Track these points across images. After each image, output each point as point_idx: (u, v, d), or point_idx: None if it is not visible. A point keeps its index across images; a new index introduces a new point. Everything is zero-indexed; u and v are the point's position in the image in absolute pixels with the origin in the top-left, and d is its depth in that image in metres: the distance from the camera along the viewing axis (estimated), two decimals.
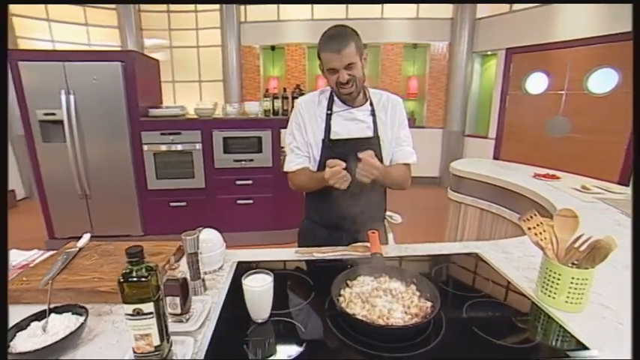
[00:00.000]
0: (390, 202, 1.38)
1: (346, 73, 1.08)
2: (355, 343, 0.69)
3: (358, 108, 1.22)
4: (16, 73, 2.67)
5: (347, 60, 1.06)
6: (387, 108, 1.24)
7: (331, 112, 1.21)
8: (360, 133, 1.21)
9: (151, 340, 0.60)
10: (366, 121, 1.22)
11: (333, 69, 1.09)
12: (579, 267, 0.79)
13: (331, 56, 1.07)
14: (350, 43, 1.06)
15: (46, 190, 2.93)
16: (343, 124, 1.21)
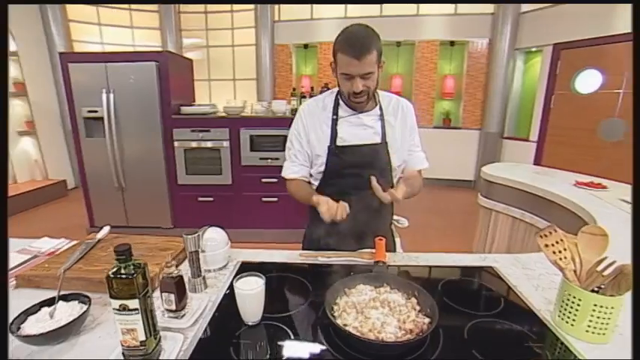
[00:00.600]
0: (415, 203, 1.30)
1: (361, 84, 1.02)
2: (343, 355, 0.66)
3: (366, 113, 1.16)
4: (66, 74, 2.90)
5: (366, 69, 1.00)
6: (397, 112, 1.19)
7: (337, 117, 1.16)
8: (367, 139, 1.16)
9: (137, 335, 0.61)
10: (374, 127, 1.16)
11: (349, 75, 1.02)
12: (604, 293, 0.69)
13: (350, 61, 0.99)
14: (372, 50, 0.98)
15: (88, 181, 3.17)
16: (350, 130, 1.16)
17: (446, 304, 0.84)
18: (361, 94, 1.05)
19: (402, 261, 1.08)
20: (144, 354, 0.63)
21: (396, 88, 5.49)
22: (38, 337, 0.68)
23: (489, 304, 0.84)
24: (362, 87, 1.02)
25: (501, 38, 4.88)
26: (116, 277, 0.59)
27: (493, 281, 0.95)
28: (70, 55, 3.05)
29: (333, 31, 4.90)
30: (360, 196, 1.11)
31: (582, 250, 0.76)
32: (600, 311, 0.68)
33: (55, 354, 0.69)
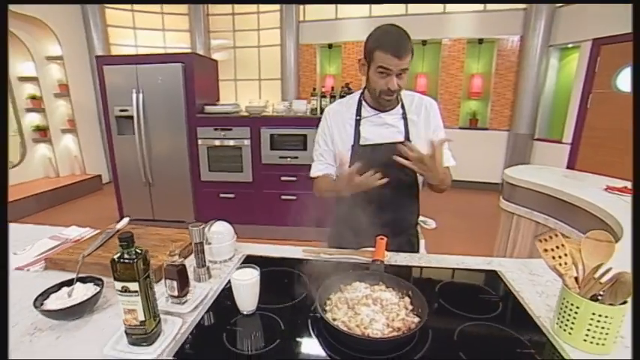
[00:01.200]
0: (441, 205, 1.28)
1: (396, 81, 1.04)
2: (330, 349, 0.68)
3: (388, 112, 1.19)
4: (101, 76, 3.10)
5: (404, 66, 1.03)
6: (419, 110, 1.20)
7: (360, 117, 1.20)
8: (390, 138, 1.18)
9: (137, 315, 0.67)
10: (396, 125, 1.18)
11: (387, 69, 1.03)
12: (603, 302, 0.66)
13: (391, 59, 1.01)
14: (409, 51, 1.02)
15: (119, 176, 3.37)
16: (373, 130, 1.19)
17: (441, 305, 0.83)
18: (394, 93, 1.08)
19: (404, 261, 1.08)
20: (143, 333, 0.68)
21: (421, 87, 5.38)
22: (57, 312, 0.76)
23: (486, 308, 0.82)
24: (396, 85, 1.05)
25: (534, 35, 4.65)
26: (119, 261, 0.65)
27: (495, 285, 0.93)
28: (105, 58, 3.26)
29: (358, 30, 4.90)
30: (384, 194, 1.14)
31: (586, 257, 0.73)
32: (599, 320, 0.65)
33: (71, 328, 0.76)
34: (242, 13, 6.16)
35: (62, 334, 0.74)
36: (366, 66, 1.12)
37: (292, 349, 0.69)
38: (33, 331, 0.75)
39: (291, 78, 6.00)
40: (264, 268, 1.03)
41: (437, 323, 0.75)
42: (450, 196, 1.22)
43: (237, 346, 0.70)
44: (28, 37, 4.30)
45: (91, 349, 0.69)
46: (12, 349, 0.70)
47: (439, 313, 0.80)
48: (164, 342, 0.69)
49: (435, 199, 1.37)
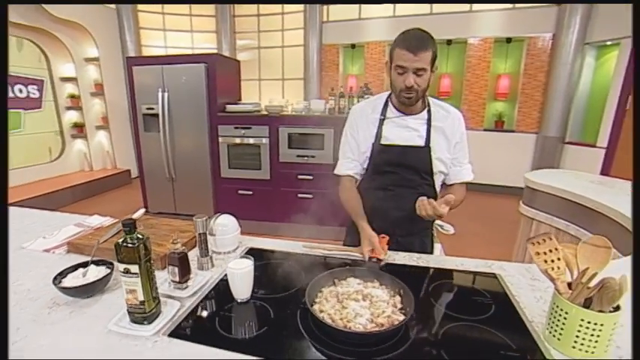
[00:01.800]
0: (461, 208, 1.28)
1: (413, 79, 1.05)
2: (313, 338, 0.70)
3: (413, 116, 1.19)
4: (131, 76, 3.28)
5: (420, 64, 1.03)
6: (445, 120, 1.20)
7: (384, 117, 1.21)
8: (410, 141, 1.19)
9: (137, 295, 0.72)
10: (418, 130, 1.19)
11: (403, 67, 1.04)
12: (593, 308, 0.64)
13: (406, 55, 1.02)
14: (429, 49, 1.03)
15: (145, 171, 3.55)
16: (394, 130, 1.20)
17: (431, 304, 0.84)
18: (411, 90, 1.07)
19: (403, 260, 1.08)
20: (142, 312, 0.73)
21: (445, 88, 5.27)
22: (71, 290, 0.84)
23: (477, 310, 0.81)
24: (413, 82, 1.05)
25: (568, 32, 4.42)
26: (122, 245, 0.71)
27: (491, 288, 0.92)
28: (134, 59, 3.44)
29: (381, 30, 4.86)
30: (399, 193, 1.18)
31: (582, 262, 0.71)
32: (588, 327, 0.63)
33: (83, 305, 0.83)
34: (267, 14, 6.27)
35: (75, 310, 0.81)
36: (389, 68, 1.13)
37: (278, 337, 0.72)
38: (52, 305, 0.83)
39: (313, 78, 6.05)
40: (264, 260, 1.08)
41: (423, 322, 0.76)
42: (469, 200, 1.22)
43: (227, 331, 0.74)
44: (70, 41, 4.62)
45: (98, 324, 0.75)
46: (32, 319, 0.78)
47: (428, 312, 0.81)
48: (161, 322, 0.75)
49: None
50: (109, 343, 0.70)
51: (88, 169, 5.05)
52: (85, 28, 4.60)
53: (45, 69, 4.50)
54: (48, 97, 4.56)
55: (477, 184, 5.17)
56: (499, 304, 0.84)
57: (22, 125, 4.27)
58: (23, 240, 1.20)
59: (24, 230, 1.31)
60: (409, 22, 5.40)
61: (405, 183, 1.20)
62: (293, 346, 0.69)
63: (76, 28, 4.57)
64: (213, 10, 6.09)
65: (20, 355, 0.67)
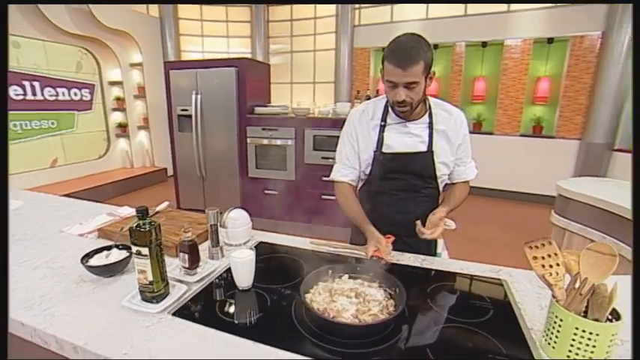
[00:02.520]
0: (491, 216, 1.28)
1: (404, 93, 1.01)
2: (303, 327, 0.73)
3: (414, 121, 1.16)
4: (168, 79, 3.52)
5: (410, 79, 0.99)
6: (448, 122, 1.17)
7: (385, 123, 1.18)
8: (412, 148, 1.17)
9: (147, 276, 0.80)
10: (420, 135, 1.16)
11: (392, 82, 1.02)
12: (589, 316, 0.62)
13: (394, 70, 0.99)
14: (419, 61, 0.97)
15: (178, 170, 3.77)
16: (396, 137, 1.17)
17: (426, 305, 0.83)
18: (403, 104, 1.04)
19: (408, 261, 1.08)
20: (151, 292, 0.81)
21: (479, 91, 5.08)
22: (95, 268, 0.94)
23: (474, 313, 0.80)
24: (404, 96, 1.01)
25: (620, 30, 4.09)
26: (135, 229, 0.78)
27: (494, 293, 0.89)
28: (172, 64, 3.68)
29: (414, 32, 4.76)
30: (403, 197, 1.18)
31: (584, 270, 0.68)
32: (583, 336, 0.61)
33: (105, 283, 0.93)
34: (299, 19, 6.42)
35: (98, 287, 0.91)
36: (382, 76, 1.10)
37: (271, 324, 0.76)
38: (79, 280, 0.94)
39: (344, 81, 6.09)
40: (272, 254, 1.13)
41: (414, 321, 0.76)
42: (503, 209, 1.19)
43: (225, 314, 0.80)
44: (119, 48, 5.02)
45: (115, 300, 0.83)
46: (63, 291, 0.89)
47: (421, 312, 0.81)
48: (168, 302, 0.82)
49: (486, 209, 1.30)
50: (121, 316, 0.78)
51: (129, 166, 5.44)
52: (131, 36, 4.98)
53: (96, 74, 4.93)
54: (97, 99, 4.99)
55: (509, 192, 4.95)
56: (498, 309, 0.82)
57: (76, 125, 4.70)
58: (64, 225, 1.35)
59: (67, 217, 1.46)
60: (442, 24, 5.31)
61: (408, 187, 1.19)
62: (284, 334, 0.72)
63: (123, 36, 4.96)
64: (249, 16, 6.33)
65: (51, 318, 0.77)
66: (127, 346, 0.68)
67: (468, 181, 1.26)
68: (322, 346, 0.68)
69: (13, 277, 0.96)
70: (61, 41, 4.40)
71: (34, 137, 4.22)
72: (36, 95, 4.18)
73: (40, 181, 4.22)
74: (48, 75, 4.29)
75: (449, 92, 5.21)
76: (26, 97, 4.08)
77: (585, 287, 0.61)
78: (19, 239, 1.23)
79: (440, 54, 5.26)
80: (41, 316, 0.78)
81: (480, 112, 5.12)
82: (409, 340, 0.71)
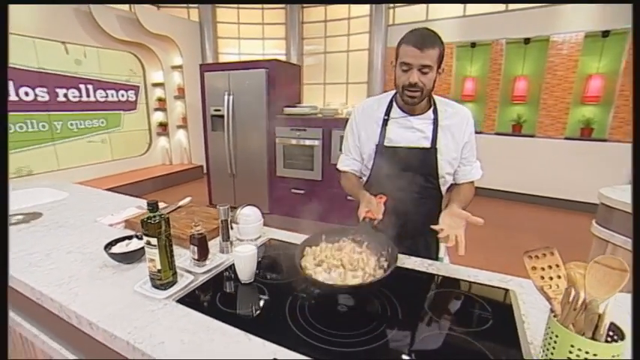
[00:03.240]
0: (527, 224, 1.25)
1: (418, 76, 1.02)
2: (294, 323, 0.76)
3: (418, 116, 1.16)
4: (203, 80, 3.70)
5: (426, 60, 1.00)
6: (453, 119, 1.16)
7: (388, 117, 1.19)
8: (415, 143, 1.16)
9: (155, 264, 0.86)
10: (423, 131, 1.16)
11: (407, 64, 1.03)
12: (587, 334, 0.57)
13: (412, 50, 1.00)
14: (436, 46, 1.01)
15: (211, 167, 3.95)
16: (399, 132, 1.18)
17: (420, 309, 0.82)
18: (415, 88, 1.04)
19: (413, 265, 1.06)
20: (159, 279, 0.87)
21: (520, 91, 4.78)
22: (115, 255, 1.03)
23: (471, 322, 0.77)
24: (417, 79, 1.02)
25: None
26: (146, 221, 0.85)
27: (499, 304, 0.85)
28: (206, 66, 3.86)
29: (450, 31, 4.67)
30: (402, 196, 1.16)
31: (590, 284, 0.63)
32: (579, 355, 0.57)
33: (124, 269, 1.02)
34: (333, 20, 6.44)
35: (117, 272, 1.00)
36: (394, 67, 1.12)
37: (265, 318, 0.80)
38: (102, 266, 1.03)
39: (376, 81, 6.03)
40: (279, 251, 1.16)
41: (405, 323, 0.75)
42: (541, 215, 1.15)
43: (224, 305, 0.84)
44: (161, 51, 5.37)
45: (129, 285, 0.91)
46: (87, 274, 0.98)
47: (414, 315, 0.79)
48: (174, 290, 0.88)
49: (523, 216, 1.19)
50: (132, 299, 0.85)
51: (169, 163, 5.80)
52: (173, 40, 5.31)
53: (141, 76, 5.31)
54: (141, 100, 5.38)
55: (549, 199, 4.60)
56: (499, 320, 0.78)
57: (122, 124, 5.10)
58: (98, 215, 1.48)
59: (102, 208, 1.61)
60: (481, 21, 5.07)
61: (408, 186, 1.17)
62: (275, 328, 0.75)
63: (165, 40, 5.30)
64: (284, 18, 6.47)
65: (74, 296, 0.87)
66: (132, 326, 0.74)
67: (473, 182, 1.24)
68: (311, 344, 0.69)
69: (51, 259, 1.08)
70: (111, 47, 4.80)
71: (86, 135, 4.65)
72: (89, 97, 4.61)
73: (89, 176, 4.64)
74: (100, 78, 4.71)
75: (486, 93, 4.97)
76: (82, 99, 4.51)
77: (579, 302, 0.57)
78: (61, 226, 1.37)
79: (477, 53, 5.04)
80: (67, 294, 0.88)
81: (521, 113, 4.82)
82: (395, 342, 0.70)
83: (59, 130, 4.33)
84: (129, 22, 4.85)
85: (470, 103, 5.27)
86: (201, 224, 1.03)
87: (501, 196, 4.86)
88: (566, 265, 0.69)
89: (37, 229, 1.33)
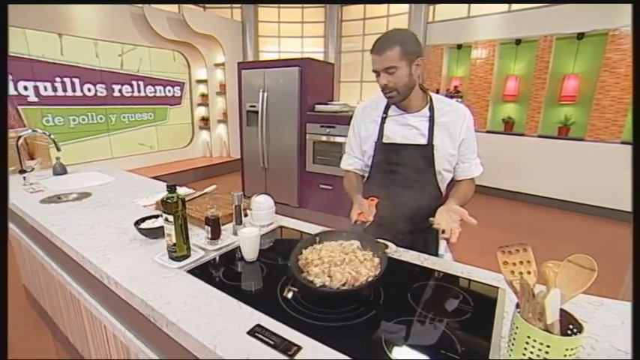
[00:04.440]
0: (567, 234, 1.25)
1: (385, 78, 1.09)
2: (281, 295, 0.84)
3: (413, 113, 1.20)
4: (240, 78, 3.91)
5: (387, 63, 1.07)
6: (449, 116, 1.19)
7: (386, 115, 1.25)
8: (411, 139, 1.21)
9: (172, 239, 0.99)
10: (419, 128, 1.20)
11: (375, 70, 1.12)
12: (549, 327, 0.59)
13: (374, 57, 1.11)
14: (394, 47, 1.05)
15: (245, 161, 4.17)
16: (396, 129, 1.22)
17: (403, 297, 0.86)
18: (387, 89, 1.12)
19: (410, 258, 1.10)
20: (174, 252, 1.01)
21: (569, 91, 4.45)
22: (143, 230, 1.19)
23: (450, 313, 0.80)
24: (386, 81, 1.09)
25: None
26: (165, 200, 0.98)
27: (483, 299, 0.87)
28: (244, 64, 4.07)
29: (493, 28, 4.49)
30: (400, 192, 1.21)
31: (561, 282, 0.65)
32: (534, 346, 0.59)
33: (149, 243, 1.17)
34: (372, 18, 6.41)
35: (143, 245, 1.15)
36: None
37: (260, 291, 0.90)
38: (132, 239, 1.20)
39: None
40: (287, 237, 1.26)
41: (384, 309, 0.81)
42: (586, 224, 1.13)
43: (227, 278, 0.96)
44: (206, 50, 5.73)
45: (151, 256, 1.06)
46: (119, 245, 1.14)
47: (396, 302, 0.84)
48: (186, 262, 1.01)
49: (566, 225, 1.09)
50: (151, 268, 0.99)
51: (209, 155, 6.18)
52: (216, 39, 5.64)
53: (186, 73, 5.71)
54: (186, 95, 5.79)
55: (598, 208, 4.23)
56: (478, 314, 0.81)
57: (168, 117, 5.54)
58: (135, 197, 1.68)
59: (140, 192, 1.81)
60: (527, 16, 4.79)
61: (406, 183, 1.20)
62: (264, 300, 0.84)
63: (209, 39, 5.65)
64: (323, 16, 6.56)
65: (107, 261, 1.03)
66: (147, 288, 0.88)
67: (472, 179, 1.26)
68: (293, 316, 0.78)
69: (93, 230, 1.27)
70: (161, 46, 5.23)
71: (136, 127, 5.11)
72: (140, 92, 5.07)
73: (138, 164, 5.10)
74: (150, 75, 5.15)
75: (530, 92, 4.69)
76: (133, 94, 4.97)
77: (526, 292, 0.59)
78: (104, 205, 1.58)
79: (522, 50, 4.76)
80: (101, 258, 1.05)
81: (569, 114, 4.49)
82: (368, 322, 0.76)
83: (113, 122, 4.82)
84: (177, 23, 5.23)
85: (511, 104, 5.01)
86: (217, 207, 1.15)
87: (540, 202, 4.57)
88: (544, 263, 0.71)
89: (86, 206, 1.55)
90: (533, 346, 0.60)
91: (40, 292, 1.84)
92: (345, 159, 1.42)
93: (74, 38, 4.27)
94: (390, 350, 0.67)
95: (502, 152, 4.87)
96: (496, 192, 4.92)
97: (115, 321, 1.08)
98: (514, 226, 3.83)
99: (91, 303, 1.17)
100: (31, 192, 1.75)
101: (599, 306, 0.85)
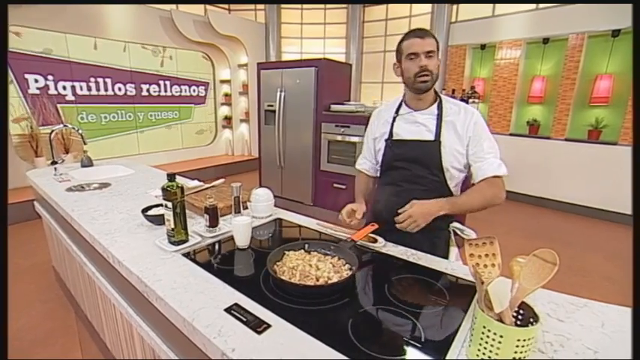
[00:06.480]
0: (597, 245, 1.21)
1: (425, 60, 1.16)
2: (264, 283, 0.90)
3: (421, 111, 1.27)
4: (259, 78, 4.03)
5: (429, 47, 1.16)
6: (458, 115, 1.23)
7: (397, 115, 1.33)
8: (418, 136, 1.26)
9: (170, 224, 1.07)
10: (427, 125, 1.25)
11: (414, 53, 1.17)
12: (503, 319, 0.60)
13: (414, 41, 1.17)
14: (431, 36, 1.17)
15: (262, 159, 4.28)
16: (405, 126, 1.30)
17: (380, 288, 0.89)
18: (426, 72, 1.17)
19: (398, 253, 1.11)
20: (173, 237, 1.09)
21: (601, 92, 4.22)
22: (148, 217, 1.28)
23: (423, 306, 0.82)
24: (426, 62, 1.16)
25: None
26: (165, 188, 1.06)
27: (463, 295, 0.88)
28: (263, 64, 4.17)
29: (519, 27, 4.39)
30: (408, 189, 1.26)
31: (524, 275, 0.66)
32: (489, 336, 0.60)
33: (154, 228, 1.26)
34: (394, 18, 6.37)
35: (149, 230, 1.24)
36: (399, 67, 1.24)
37: (244, 274, 0.96)
38: (140, 224, 1.30)
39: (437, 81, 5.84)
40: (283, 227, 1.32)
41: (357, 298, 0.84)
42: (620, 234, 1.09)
43: (217, 262, 1.02)
44: (229, 51, 5.93)
45: (153, 239, 1.14)
46: (127, 229, 1.24)
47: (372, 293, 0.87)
48: (183, 246, 1.08)
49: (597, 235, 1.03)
50: (152, 250, 1.08)
51: (231, 153, 6.38)
52: (240, 40, 5.82)
53: (211, 74, 5.93)
54: (210, 95, 6.01)
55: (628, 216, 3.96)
56: (451, 308, 0.82)
57: (192, 116, 5.78)
58: (149, 188, 1.80)
59: (154, 184, 1.93)
60: (556, 14, 4.59)
61: (414, 179, 1.24)
62: (247, 283, 0.90)
63: (233, 41, 5.84)
64: (345, 17, 6.60)
65: (114, 243, 1.13)
66: (144, 267, 0.96)
67: (492, 182, 1.16)
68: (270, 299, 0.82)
69: (107, 216, 1.38)
70: (187, 48, 5.47)
71: (162, 125, 5.38)
72: (167, 92, 5.33)
73: (163, 160, 5.36)
74: (176, 75, 5.40)
75: (558, 94, 4.49)
76: (160, 94, 5.24)
77: (477, 280, 0.60)
78: (120, 194, 1.71)
79: (549, 50, 4.58)
80: (110, 240, 1.15)
81: (600, 117, 4.25)
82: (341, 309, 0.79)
83: (141, 120, 5.10)
84: (202, 25, 5.45)
85: (537, 106, 4.81)
86: (219, 199, 1.23)
87: (567, 209, 4.36)
88: (513, 258, 0.72)
89: (104, 195, 1.68)
90: (487, 335, 0.61)
91: (65, 273, 2.01)
92: (359, 159, 1.54)
93: (107, 41, 4.58)
94: (355, 334, 0.70)
95: (526, 155, 4.69)
96: (519, 197, 4.74)
97: (120, 298, 1.17)
98: (539, 233, 3.67)
99: (101, 282, 1.28)
100: (59, 181, 1.92)
101: (582, 307, 0.84)
